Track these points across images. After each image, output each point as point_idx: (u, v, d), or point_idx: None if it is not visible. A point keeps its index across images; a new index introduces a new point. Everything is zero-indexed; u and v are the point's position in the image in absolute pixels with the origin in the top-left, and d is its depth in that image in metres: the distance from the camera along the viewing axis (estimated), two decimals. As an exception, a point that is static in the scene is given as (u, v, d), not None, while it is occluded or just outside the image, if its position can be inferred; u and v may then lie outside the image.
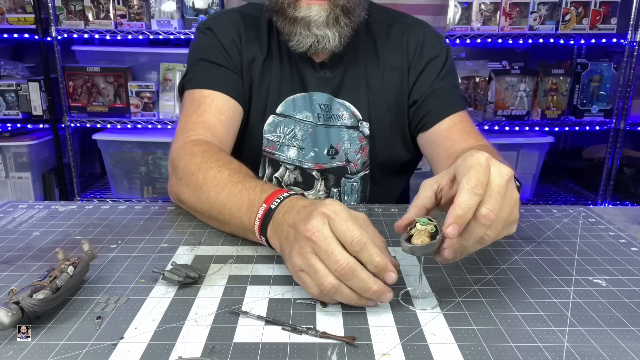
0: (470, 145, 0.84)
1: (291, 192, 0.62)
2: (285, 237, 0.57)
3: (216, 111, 0.86)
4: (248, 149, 0.95)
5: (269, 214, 0.61)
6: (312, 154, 0.94)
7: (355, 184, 0.96)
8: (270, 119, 0.92)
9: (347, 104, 0.92)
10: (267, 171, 0.96)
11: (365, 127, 0.93)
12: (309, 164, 0.94)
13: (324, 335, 0.48)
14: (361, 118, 0.93)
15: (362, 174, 0.96)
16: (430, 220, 0.52)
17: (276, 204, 0.61)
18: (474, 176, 0.49)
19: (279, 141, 0.93)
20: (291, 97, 0.92)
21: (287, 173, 0.95)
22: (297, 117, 0.92)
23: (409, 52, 0.93)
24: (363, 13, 0.88)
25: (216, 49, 0.90)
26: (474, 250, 0.52)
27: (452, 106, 0.90)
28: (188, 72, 0.92)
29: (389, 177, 0.99)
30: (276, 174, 0.95)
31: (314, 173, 0.95)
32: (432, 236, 0.51)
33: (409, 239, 0.52)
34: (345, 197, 0.97)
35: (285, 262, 0.57)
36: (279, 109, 0.92)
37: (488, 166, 0.50)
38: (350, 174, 0.96)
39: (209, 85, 0.88)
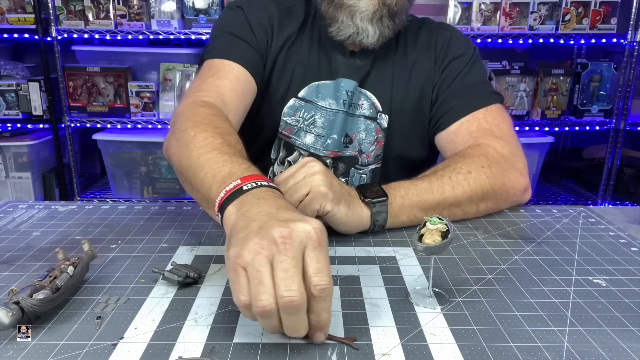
0: (465, 146, 0.84)
1: (274, 186, 0.57)
2: (248, 220, 0.49)
3: (234, 80, 0.85)
4: (264, 129, 0.95)
5: (237, 193, 0.54)
6: (329, 141, 0.93)
7: (364, 175, 0.96)
8: (291, 102, 0.92)
9: (369, 94, 0.92)
10: (280, 154, 0.96)
11: (384, 120, 0.92)
12: (324, 152, 0.94)
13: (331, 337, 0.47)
14: (381, 110, 0.92)
15: (373, 166, 0.95)
16: (440, 219, 0.53)
17: (250, 187, 0.54)
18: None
19: (297, 125, 0.93)
20: (315, 83, 0.92)
21: (300, 158, 0.94)
22: (319, 103, 0.92)
23: (436, 51, 0.93)
24: (405, 19, 0.89)
25: (242, 25, 0.91)
26: None
27: (467, 107, 0.88)
28: (210, 44, 0.92)
29: (402, 174, 0.95)
30: (289, 158, 0.95)
31: (328, 161, 0.95)
32: (443, 235, 0.52)
33: (420, 238, 0.52)
34: None
35: (229, 246, 0.47)
36: (301, 93, 0.92)
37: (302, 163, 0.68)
38: (361, 165, 0.95)
39: (230, 56, 0.87)
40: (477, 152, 0.81)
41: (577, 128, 2.20)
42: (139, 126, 2.16)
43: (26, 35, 2.11)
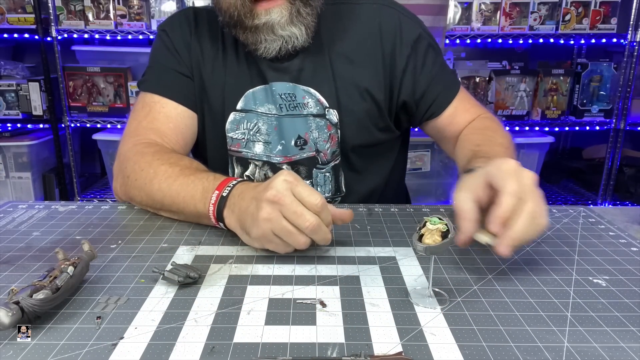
0: (469, 121, 0.92)
1: (240, 179, 0.70)
2: (245, 210, 0.63)
3: (165, 119, 0.88)
4: (213, 151, 0.93)
5: (222, 201, 0.67)
6: (279, 147, 0.90)
7: (327, 174, 0.93)
8: (231, 116, 0.90)
9: (312, 90, 0.88)
10: (236, 170, 0.93)
11: (333, 115, 0.89)
12: (278, 158, 0.91)
13: (375, 357, 0.45)
14: (327, 105, 0.88)
15: (332, 164, 0.92)
16: (440, 219, 0.53)
17: (228, 191, 0.68)
18: (514, 183, 0.57)
19: (243, 138, 0.91)
20: (250, 90, 0.89)
21: (257, 170, 0.93)
22: (258, 110, 0.89)
23: (383, 35, 0.89)
24: None
25: (168, 51, 0.91)
26: (525, 240, 0.57)
27: (452, 91, 0.93)
28: (144, 74, 0.94)
29: (366, 163, 0.95)
30: (247, 172, 0.93)
31: (284, 167, 0.92)
32: (443, 235, 0.52)
33: (420, 238, 0.52)
34: (318, 188, 0.93)
35: (249, 231, 0.63)
36: (239, 105, 0.90)
37: (519, 171, 0.59)
38: (321, 165, 0.92)
39: (159, 90, 0.89)
40: (483, 124, 0.91)
41: (577, 128, 2.20)
42: (139, 126, 2.16)
43: (26, 35, 2.11)
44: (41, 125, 2.21)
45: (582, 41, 2.15)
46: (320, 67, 0.88)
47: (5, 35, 2.12)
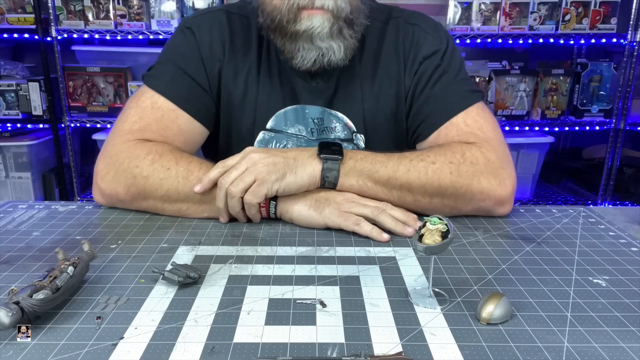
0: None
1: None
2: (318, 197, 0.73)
3: (177, 131, 0.82)
4: None
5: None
6: None
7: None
8: (260, 135, 0.88)
9: (340, 115, 0.87)
10: None
11: (360, 140, 0.88)
12: None
13: (375, 357, 0.45)
14: (355, 130, 0.88)
15: None
16: (440, 219, 0.53)
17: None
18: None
19: None
20: (282, 110, 0.87)
21: None
22: (288, 131, 0.88)
23: (405, 52, 0.87)
24: (365, 21, 0.83)
25: (191, 55, 0.85)
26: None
27: (444, 114, 0.83)
28: (156, 66, 0.87)
29: None
30: None
31: None
32: (443, 235, 0.52)
33: (420, 238, 0.52)
34: None
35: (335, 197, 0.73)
36: (269, 124, 0.87)
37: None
38: None
39: (174, 97, 0.82)
40: (456, 148, 0.77)
41: (577, 128, 2.20)
42: (139, 126, 2.16)
43: (26, 35, 2.11)
44: (41, 125, 2.21)
45: (582, 41, 2.15)
46: (352, 92, 0.87)
47: (5, 35, 2.12)
